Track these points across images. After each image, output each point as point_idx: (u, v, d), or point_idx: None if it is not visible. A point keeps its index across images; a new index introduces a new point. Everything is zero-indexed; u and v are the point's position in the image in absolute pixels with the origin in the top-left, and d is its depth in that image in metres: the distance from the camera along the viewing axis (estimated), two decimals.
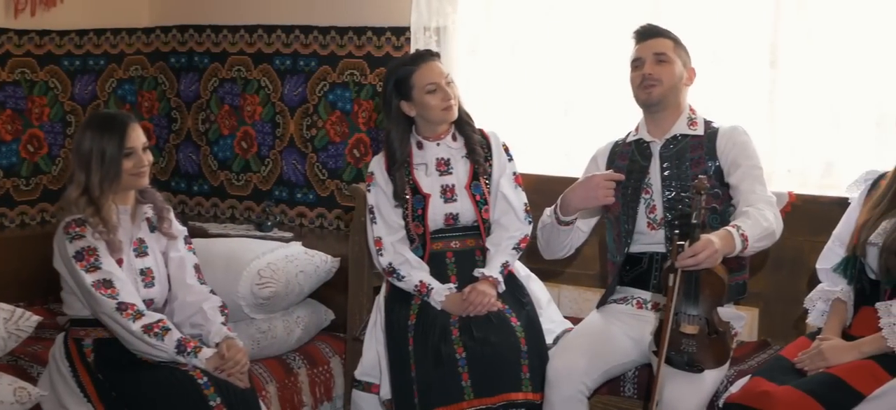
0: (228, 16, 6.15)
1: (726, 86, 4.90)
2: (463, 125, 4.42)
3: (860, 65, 4.71)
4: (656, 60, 4.20)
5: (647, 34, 4.28)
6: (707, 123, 4.27)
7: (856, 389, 3.57)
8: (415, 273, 4.32)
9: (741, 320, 4.29)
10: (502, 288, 4.30)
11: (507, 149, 4.49)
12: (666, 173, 4.20)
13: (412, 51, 5.41)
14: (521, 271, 4.51)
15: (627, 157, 4.32)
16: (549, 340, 4.25)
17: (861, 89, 4.71)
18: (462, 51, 5.41)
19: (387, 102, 4.41)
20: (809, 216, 4.59)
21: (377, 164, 4.46)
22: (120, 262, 4.01)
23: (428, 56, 4.39)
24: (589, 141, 5.09)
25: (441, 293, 4.25)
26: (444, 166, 4.40)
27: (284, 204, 6.09)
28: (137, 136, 4.06)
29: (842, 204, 4.20)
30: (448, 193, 4.37)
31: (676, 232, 3.85)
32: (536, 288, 4.49)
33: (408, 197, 4.37)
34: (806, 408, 3.51)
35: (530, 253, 4.50)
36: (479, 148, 4.41)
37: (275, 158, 6.08)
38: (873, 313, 3.77)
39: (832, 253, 4.07)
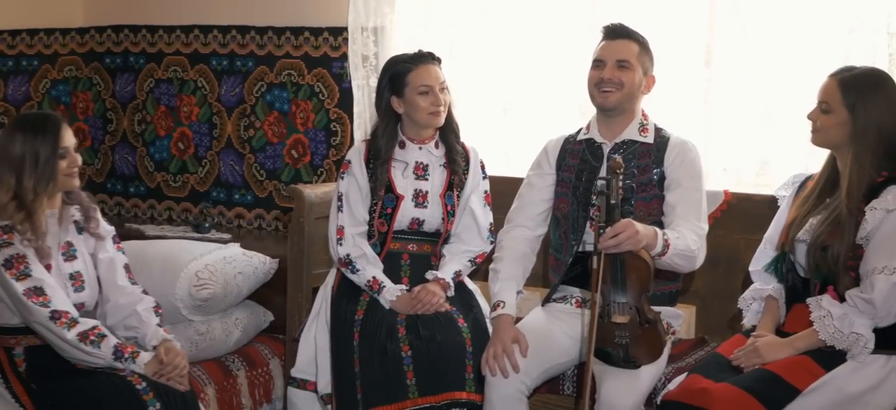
0: (164, 16, 6.11)
1: (662, 85, 4.91)
2: (448, 134, 4.44)
3: (794, 65, 4.77)
4: (617, 66, 4.16)
5: (614, 34, 4.24)
6: (657, 131, 4.27)
7: (792, 385, 3.62)
8: (370, 268, 4.33)
9: (679, 318, 4.32)
10: (452, 292, 4.32)
11: (483, 167, 4.53)
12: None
13: (350, 52, 5.42)
14: (470, 284, 4.53)
15: (578, 156, 4.30)
16: None
17: (795, 88, 4.76)
18: (400, 51, 5.36)
19: (379, 95, 4.43)
20: (744, 214, 4.65)
21: (356, 154, 4.45)
22: (49, 268, 3.92)
23: (429, 58, 4.40)
24: (528, 140, 5.13)
25: (393, 293, 4.26)
26: (421, 171, 4.42)
27: (222, 205, 6.07)
28: (70, 136, 3.97)
29: (776, 202, 4.25)
30: (420, 198, 4.39)
31: (596, 215, 3.86)
32: (484, 302, 4.49)
33: (380, 193, 4.37)
34: (744, 405, 3.55)
35: None
36: (459, 159, 4.43)
37: (212, 159, 6.05)
38: (805, 310, 3.81)
39: (764, 255, 4.12)
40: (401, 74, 4.35)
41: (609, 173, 3.84)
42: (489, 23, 5.40)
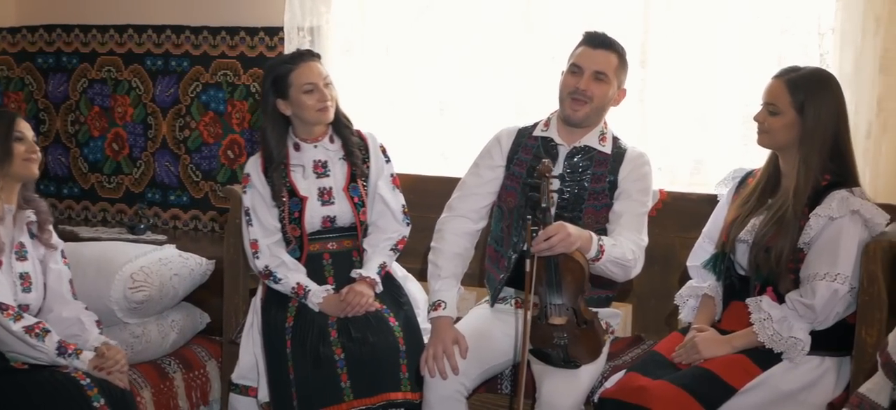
0: (97, 15, 6.05)
1: None
2: (340, 127, 4.42)
3: (727, 65, 4.82)
4: (594, 77, 4.12)
5: (597, 43, 4.16)
6: (615, 141, 4.26)
7: (728, 383, 3.67)
8: (291, 275, 4.31)
9: (617, 317, 4.35)
10: (380, 288, 4.31)
11: (384, 151, 4.50)
12: (565, 179, 4.18)
13: (286, 51, 5.39)
14: (398, 271, 4.52)
15: (531, 152, 4.27)
16: (426, 340, 4.25)
17: (728, 89, 4.83)
18: (336, 51, 5.39)
19: (264, 99, 4.39)
20: (680, 213, 4.69)
21: (253, 165, 4.43)
22: None
23: (308, 56, 4.37)
24: (464, 140, 5.13)
25: (318, 295, 4.24)
26: (321, 169, 4.40)
27: (157, 206, 6.02)
28: (27, 127, 4.02)
29: (711, 200, 4.29)
30: (325, 196, 4.37)
31: (529, 218, 3.88)
32: (414, 288, 4.51)
33: (285, 199, 4.35)
34: (681, 402, 3.59)
35: (407, 252, 4.52)
36: (356, 150, 4.41)
37: (147, 160, 6.00)
38: (742, 307, 3.87)
39: (701, 250, 4.16)
40: (283, 76, 4.32)
41: (538, 177, 3.85)
42: (425, 23, 5.40)
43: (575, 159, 4.21)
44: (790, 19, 4.76)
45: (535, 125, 4.35)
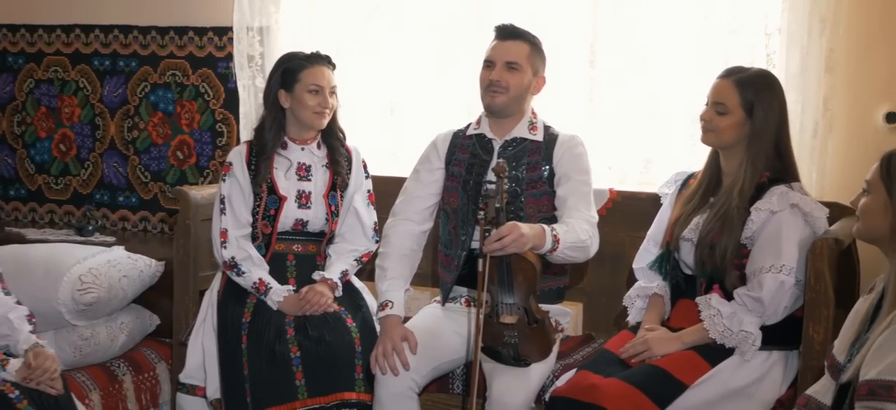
0: (43, 15, 6.00)
1: (548, 85, 4.97)
2: (331, 137, 4.46)
3: (675, 65, 4.86)
4: (506, 68, 4.19)
5: (506, 34, 4.24)
6: (546, 129, 4.31)
7: (679, 379, 3.70)
8: (255, 270, 4.31)
9: (567, 316, 4.37)
10: (339, 292, 4.33)
11: (365, 167, 4.55)
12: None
13: (235, 51, 5.39)
14: (357, 283, 4.53)
15: (468, 151, 4.33)
16: None
17: (677, 88, 4.86)
18: (286, 51, 5.34)
19: (269, 87, 4.43)
20: (629, 212, 4.72)
21: (237, 155, 4.44)
22: None
23: (325, 61, 4.42)
24: (415, 140, 5.13)
25: (279, 294, 4.25)
26: (304, 172, 4.41)
27: (106, 207, 5.98)
28: None
29: (660, 200, 4.32)
30: (303, 199, 4.38)
31: (482, 216, 3.89)
32: (369, 299, 4.50)
33: (263, 194, 4.35)
34: (632, 399, 3.61)
35: None
36: (343, 160, 4.44)
37: (95, 161, 5.96)
38: (689, 305, 3.91)
39: (646, 252, 4.20)
40: (294, 70, 4.37)
41: (494, 177, 3.87)
42: (376, 22, 5.40)
43: (509, 151, 4.24)
44: (737, 20, 4.79)
45: (469, 126, 4.42)
